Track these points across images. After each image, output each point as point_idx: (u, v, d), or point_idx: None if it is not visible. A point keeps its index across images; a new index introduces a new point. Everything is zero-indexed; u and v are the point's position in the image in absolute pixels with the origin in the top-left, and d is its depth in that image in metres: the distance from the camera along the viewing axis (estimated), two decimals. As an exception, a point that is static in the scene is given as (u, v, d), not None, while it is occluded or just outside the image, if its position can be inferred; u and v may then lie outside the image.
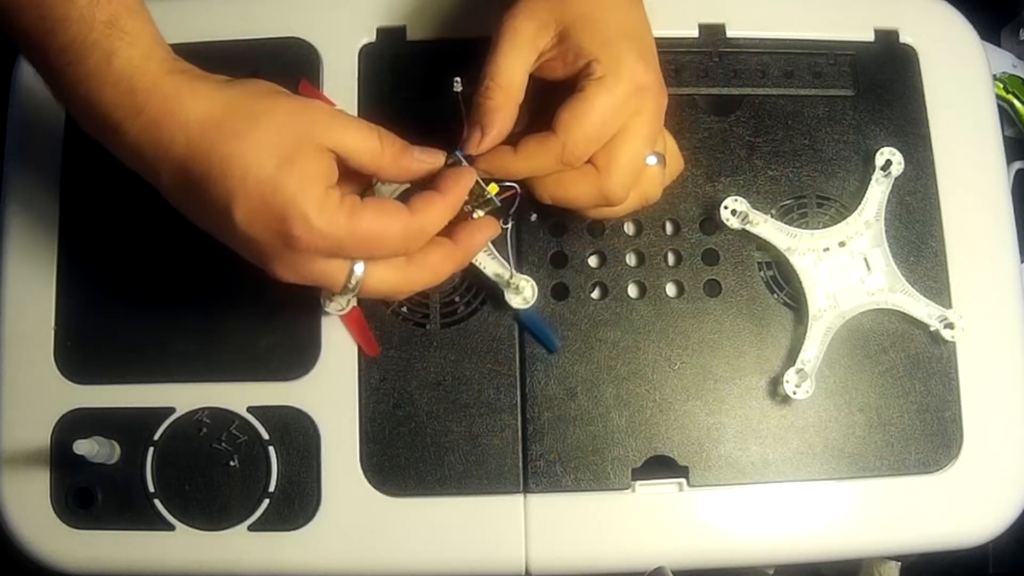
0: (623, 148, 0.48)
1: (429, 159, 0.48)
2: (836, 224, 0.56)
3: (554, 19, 0.48)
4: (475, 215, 0.49)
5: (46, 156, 0.56)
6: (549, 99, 0.48)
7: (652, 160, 0.50)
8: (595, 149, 0.48)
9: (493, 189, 0.49)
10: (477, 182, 0.48)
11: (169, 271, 0.55)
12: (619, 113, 0.47)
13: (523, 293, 0.54)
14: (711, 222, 0.56)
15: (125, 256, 0.55)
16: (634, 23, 0.49)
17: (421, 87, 0.57)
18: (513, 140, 0.48)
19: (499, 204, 0.49)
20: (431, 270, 0.48)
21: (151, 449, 0.53)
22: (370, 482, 0.53)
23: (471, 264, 0.53)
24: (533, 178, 0.49)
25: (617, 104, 0.47)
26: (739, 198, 0.55)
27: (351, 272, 0.46)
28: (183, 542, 0.53)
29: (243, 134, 0.43)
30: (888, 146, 0.57)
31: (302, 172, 0.43)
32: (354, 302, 0.54)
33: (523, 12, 0.48)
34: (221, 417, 0.53)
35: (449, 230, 0.49)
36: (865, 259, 0.55)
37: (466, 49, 0.56)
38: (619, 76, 0.47)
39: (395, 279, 0.47)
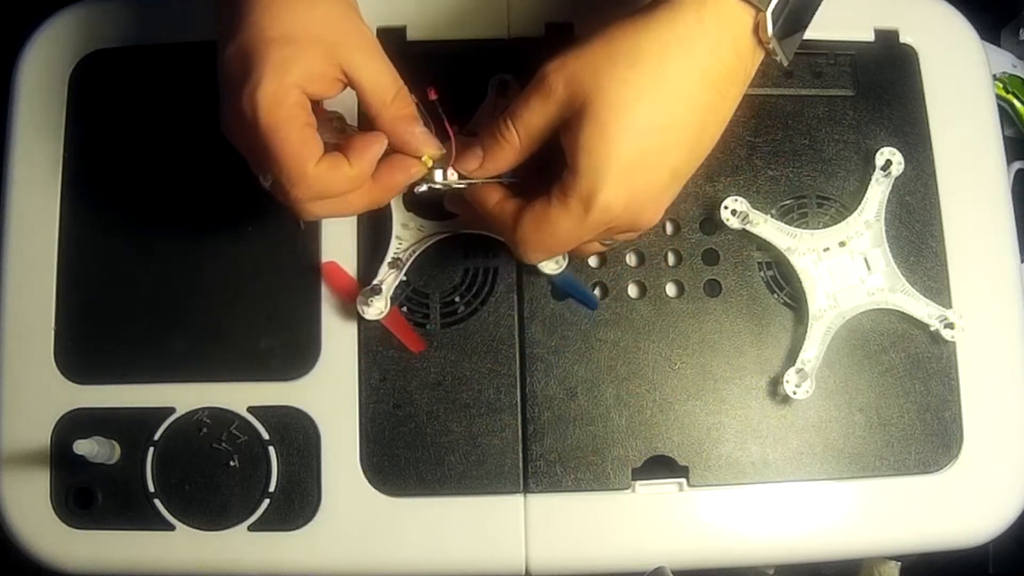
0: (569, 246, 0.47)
1: (427, 144, 0.47)
2: (836, 224, 0.56)
3: (581, 88, 0.43)
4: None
5: (47, 155, 0.56)
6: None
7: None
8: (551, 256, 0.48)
9: (427, 162, 0.47)
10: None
11: (169, 271, 0.55)
12: (581, 235, 0.45)
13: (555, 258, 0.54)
14: (711, 222, 0.56)
15: (125, 256, 0.55)
16: (659, 137, 0.43)
17: (421, 87, 0.57)
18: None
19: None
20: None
21: (151, 449, 0.53)
22: (370, 482, 0.53)
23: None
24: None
25: (578, 229, 0.44)
26: (739, 198, 0.55)
27: None
28: (183, 542, 0.53)
29: None
30: (888, 146, 0.57)
31: (296, 71, 0.43)
32: (390, 304, 0.53)
33: (558, 71, 0.44)
34: (221, 417, 0.53)
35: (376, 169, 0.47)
36: (865, 259, 0.55)
37: (466, 49, 0.57)
38: (588, 206, 0.43)
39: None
